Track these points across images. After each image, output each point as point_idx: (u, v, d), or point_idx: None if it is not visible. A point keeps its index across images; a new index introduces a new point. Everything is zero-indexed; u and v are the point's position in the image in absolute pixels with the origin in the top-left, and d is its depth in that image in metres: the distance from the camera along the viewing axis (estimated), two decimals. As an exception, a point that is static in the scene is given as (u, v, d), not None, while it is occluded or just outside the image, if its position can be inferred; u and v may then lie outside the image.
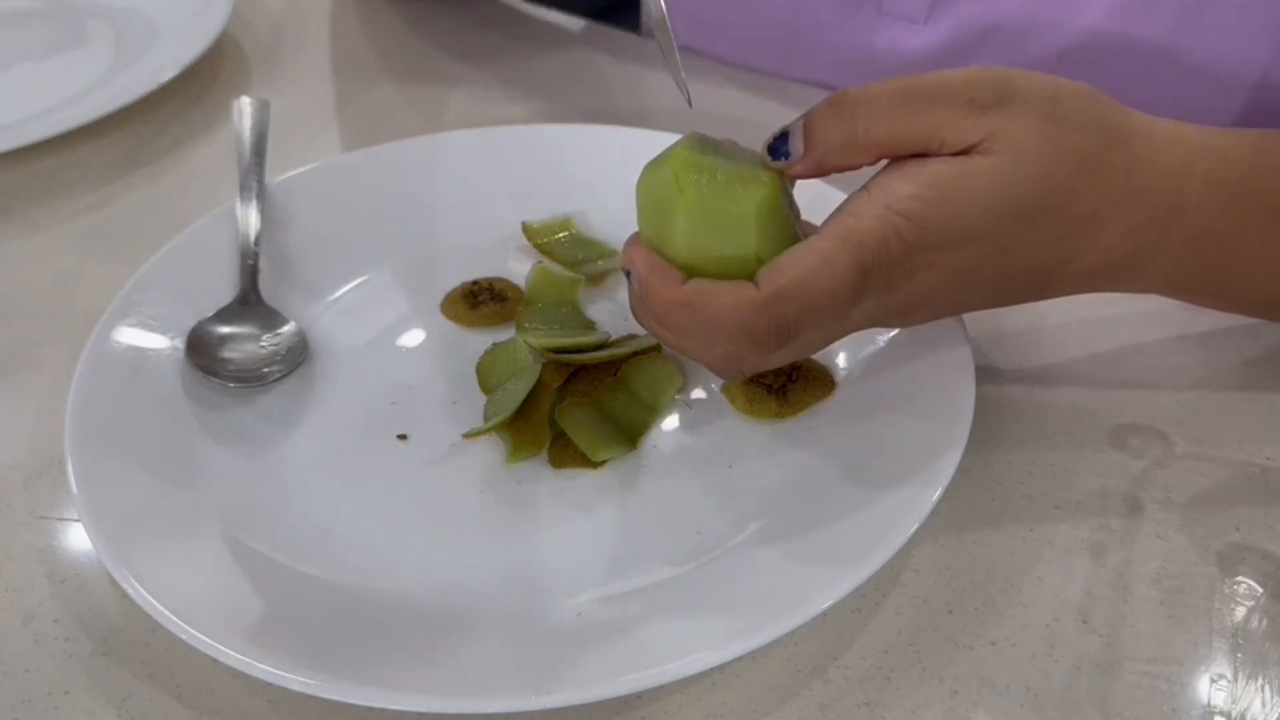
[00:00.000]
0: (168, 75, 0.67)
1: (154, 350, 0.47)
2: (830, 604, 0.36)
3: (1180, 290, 0.44)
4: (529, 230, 0.55)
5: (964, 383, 0.43)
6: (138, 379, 0.46)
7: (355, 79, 0.72)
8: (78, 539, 0.43)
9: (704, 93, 0.68)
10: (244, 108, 0.59)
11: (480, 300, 0.52)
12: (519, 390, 0.45)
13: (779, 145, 0.39)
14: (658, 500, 0.43)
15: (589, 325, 0.51)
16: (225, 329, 0.49)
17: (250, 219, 0.53)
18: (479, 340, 0.50)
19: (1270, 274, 0.42)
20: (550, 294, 0.51)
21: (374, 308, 0.52)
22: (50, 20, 0.78)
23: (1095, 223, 0.39)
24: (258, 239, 0.52)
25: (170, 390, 0.46)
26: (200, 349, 0.47)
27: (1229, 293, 0.44)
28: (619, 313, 0.51)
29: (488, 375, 0.48)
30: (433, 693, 0.34)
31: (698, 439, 0.45)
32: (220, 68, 0.73)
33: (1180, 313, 0.50)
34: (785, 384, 0.46)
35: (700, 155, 0.38)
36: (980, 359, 0.47)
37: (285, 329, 0.49)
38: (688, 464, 0.44)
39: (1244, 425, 0.46)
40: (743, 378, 0.43)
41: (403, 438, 0.46)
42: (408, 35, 0.77)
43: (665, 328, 0.39)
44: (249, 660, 0.34)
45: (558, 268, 0.52)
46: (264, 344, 0.49)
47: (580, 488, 0.44)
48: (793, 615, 0.35)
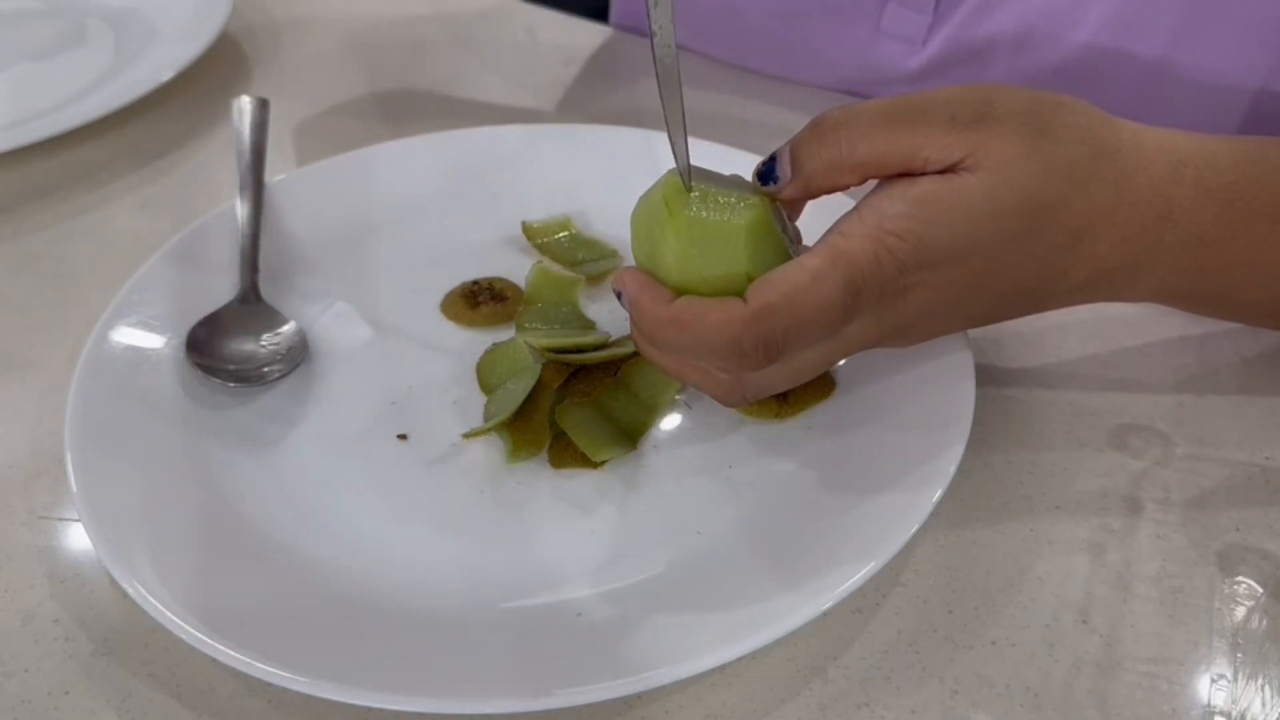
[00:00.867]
0: (167, 75, 0.67)
1: (154, 350, 0.47)
2: (830, 604, 0.36)
3: (1177, 299, 0.44)
4: (529, 230, 0.55)
5: (964, 383, 0.43)
6: (138, 379, 0.46)
7: (355, 78, 0.72)
8: (78, 539, 0.43)
9: (704, 94, 0.68)
10: (244, 108, 0.59)
11: (480, 300, 0.52)
12: (519, 390, 0.46)
13: (768, 170, 0.40)
14: (658, 500, 0.43)
15: (589, 325, 0.51)
16: (225, 329, 0.49)
17: (250, 219, 0.53)
18: (479, 340, 0.50)
19: (1266, 280, 0.42)
20: (550, 294, 0.51)
21: (374, 308, 0.52)
22: (50, 20, 0.78)
23: (1088, 233, 0.39)
24: (258, 239, 0.52)
25: (170, 390, 0.46)
26: (200, 349, 0.47)
27: (1226, 300, 0.44)
28: (619, 313, 0.51)
29: (488, 375, 0.48)
30: (433, 693, 0.34)
31: (698, 439, 0.45)
32: (220, 68, 0.73)
33: (1180, 313, 0.50)
34: (785, 384, 0.46)
35: (692, 181, 0.39)
36: (980, 359, 0.47)
37: (285, 329, 0.49)
38: (688, 464, 0.44)
39: (1244, 425, 0.46)
40: (746, 404, 0.43)
41: (403, 438, 0.46)
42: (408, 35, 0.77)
43: (656, 346, 0.40)
44: (249, 660, 0.35)
45: (558, 268, 0.52)
46: (264, 344, 0.49)
47: (580, 488, 0.44)
48: (793, 615, 0.36)
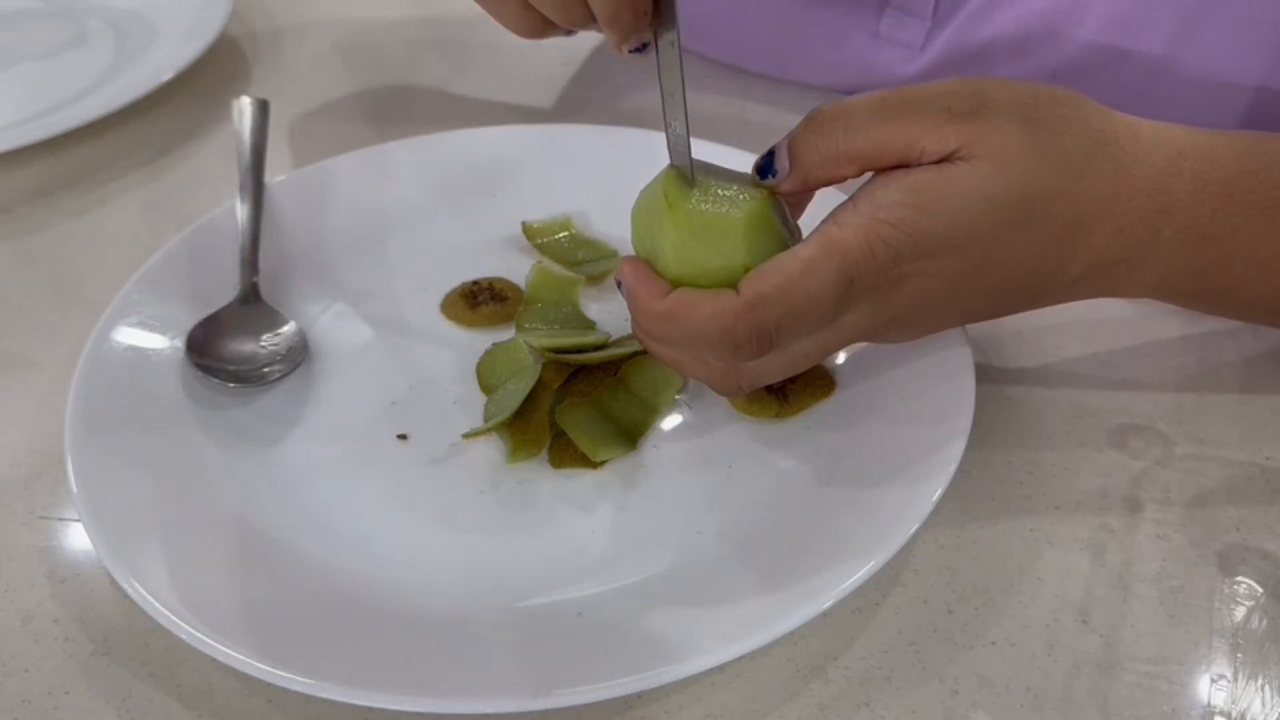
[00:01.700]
0: (167, 75, 0.67)
1: (154, 350, 0.47)
2: (830, 604, 0.36)
3: (1176, 294, 0.44)
4: (529, 230, 0.55)
5: (964, 382, 0.43)
6: (138, 379, 0.46)
7: (355, 79, 0.72)
8: (78, 539, 0.43)
9: (704, 94, 0.68)
10: (244, 108, 0.59)
11: (480, 300, 0.52)
12: (519, 390, 0.46)
13: (767, 164, 0.40)
14: (658, 500, 0.43)
15: (589, 325, 0.51)
16: (225, 329, 0.49)
17: (250, 219, 0.53)
18: (479, 340, 0.50)
19: (1265, 275, 0.42)
20: (550, 294, 0.51)
21: (374, 308, 0.52)
22: (50, 20, 0.78)
23: (1084, 225, 0.39)
24: (258, 239, 0.52)
25: (170, 390, 0.46)
26: (200, 349, 0.47)
27: (1224, 296, 0.44)
28: (619, 313, 0.51)
29: (488, 375, 0.48)
30: (433, 693, 0.34)
31: (698, 439, 0.45)
32: (220, 68, 0.73)
33: (1180, 312, 0.50)
34: (785, 384, 0.46)
35: (691, 174, 0.39)
36: (980, 358, 0.47)
37: (285, 329, 0.49)
38: (688, 464, 0.44)
39: (1244, 425, 0.46)
40: (743, 394, 0.43)
41: (403, 438, 0.46)
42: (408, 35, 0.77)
43: (652, 338, 0.40)
44: (249, 660, 0.34)
45: (558, 268, 0.52)
46: (264, 344, 0.49)
47: (580, 488, 0.44)
48: (793, 615, 0.36)
